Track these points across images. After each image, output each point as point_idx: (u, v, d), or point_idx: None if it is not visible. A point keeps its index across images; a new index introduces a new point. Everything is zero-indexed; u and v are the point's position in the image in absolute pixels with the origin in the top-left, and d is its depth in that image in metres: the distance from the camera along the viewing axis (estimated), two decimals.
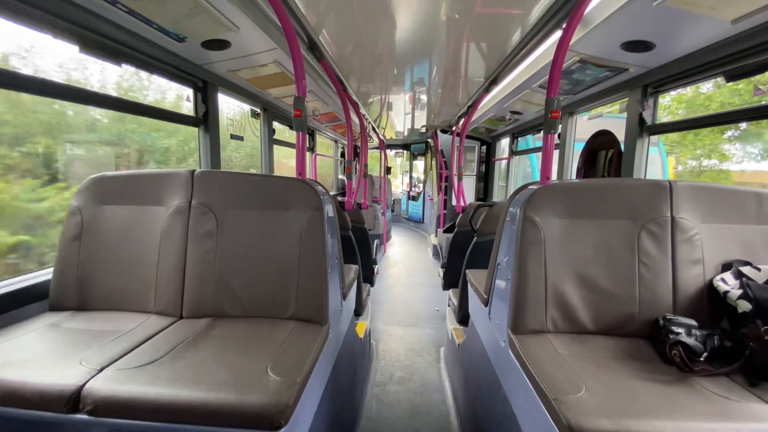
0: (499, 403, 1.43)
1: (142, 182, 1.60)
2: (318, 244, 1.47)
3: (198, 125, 2.49)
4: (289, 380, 1.00)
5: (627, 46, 1.93)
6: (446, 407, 2.38)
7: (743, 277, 1.22)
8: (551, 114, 1.64)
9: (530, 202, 1.42)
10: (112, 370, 1.04)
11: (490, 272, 1.67)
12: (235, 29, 1.83)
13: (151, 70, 2.06)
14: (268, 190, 1.54)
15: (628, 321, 1.35)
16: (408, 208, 10.39)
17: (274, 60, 2.33)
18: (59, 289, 1.50)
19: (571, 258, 1.39)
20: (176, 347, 1.18)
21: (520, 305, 1.36)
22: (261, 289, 1.48)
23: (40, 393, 0.95)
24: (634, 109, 2.37)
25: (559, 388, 0.99)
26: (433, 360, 3.03)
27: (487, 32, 2.21)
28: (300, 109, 1.68)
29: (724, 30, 1.63)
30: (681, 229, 1.38)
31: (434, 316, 3.98)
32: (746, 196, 1.42)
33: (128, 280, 1.52)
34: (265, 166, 3.60)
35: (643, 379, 1.05)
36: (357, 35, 2.30)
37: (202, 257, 1.50)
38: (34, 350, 1.14)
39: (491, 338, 1.60)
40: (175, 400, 0.93)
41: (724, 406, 0.93)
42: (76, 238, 1.54)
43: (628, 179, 2.29)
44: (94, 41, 1.64)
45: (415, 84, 3.55)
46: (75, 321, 1.38)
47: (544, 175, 1.70)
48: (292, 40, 1.65)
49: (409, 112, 5.21)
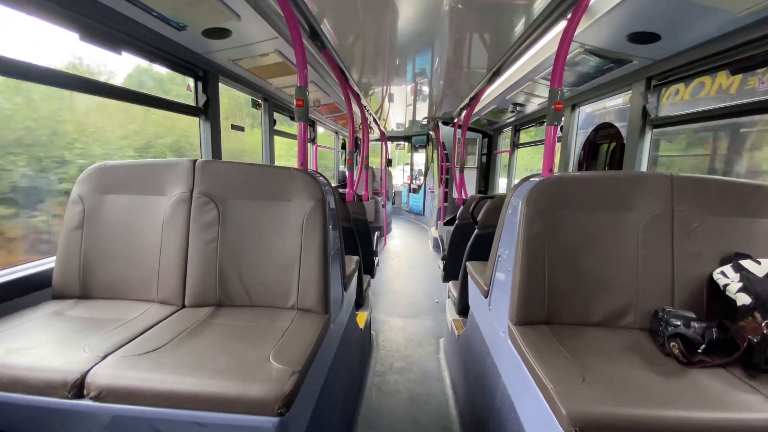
0: (498, 393, 1.44)
1: (144, 171, 1.60)
2: (319, 235, 1.47)
3: (198, 115, 2.48)
4: (292, 368, 1.01)
5: (632, 38, 1.90)
6: (445, 397, 2.40)
7: (743, 271, 1.22)
8: (555, 105, 1.63)
9: (532, 195, 1.42)
10: (115, 357, 1.05)
11: (490, 264, 1.68)
12: (235, 18, 1.81)
13: (152, 58, 2.04)
14: (270, 180, 1.54)
15: (628, 313, 1.36)
16: (409, 200, 10.38)
17: (275, 49, 2.31)
18: (62, 277, 1.51)
19: (571, 250, 1.39)
20: (179, 335, 1.19)
21: (520, 297, 1.36)
22: (263, 279, 1.49)
23: (44, 379, 0.97)
24: (637, 101, 2.36)
25: (558, 379, 1.00)
26: (432, 351, 3.05)
27: (491, 22, 2.19)
28: (302, 98, 1.67)
29: (731, 22, 1.61)
30: (681, 222, 1.38)
31: (434, 307, 4.00)
32: (747, 189, 1.42)
33: (131, 269, 1.52)
34: (266, 157, 3.59)
35: (641, 371, 1.06)
36: (359, 25, 2.28)
37: (204, 247, 1.51)
38: (38, 338, 1.15)
39: (491, 329, 1.61)
40: (178, 387, 0.95)
41: (721, 397, 0.95)
42: (78, 227, 1.54)
43: (630, 172, 2.29)
44: (95, 29, 1.63)
45: (417, 75, 3.52)
46: (78, 309, 1.39)
47: (546, 167, 1.70)
48: (293, 28, 1.64)
49: (411, 103, 5.18)
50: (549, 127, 1.70)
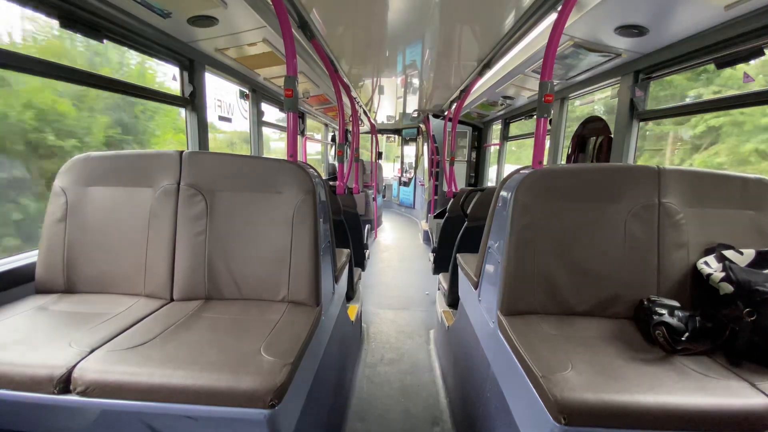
0: (488, 382, 1.46)
1: (129, 163, 1.56)
2: (310, 227, 1.46)
3: (185, 105, 2.42)
4: (283, 360, 1.01)
5: (621, 31, 1.92)
6: (436, 387, 2.43)
7: (726, 261, 1.26)
8: (545, 98, 1.63)
9: (521, 187, 1.43)
10: (102, 351, 1.04)
11: (480, 256, 1.69)
12: (222, 5, 1.77)
13: (135, 47, 1.98)
14: (259, 172, 1.52)
15: (614, 302, 1.39)
16: (399, 193, 10.38)
17: (263, 38, 2.27)
18: (45, 271, 1.48)
19: (560, 241, 1.41)
20: (168, 329, 1.18)
21: (509, 288, 1.38)
22: (253, 272, 1.47)
23: (29, 375, 0.94)
24: (625, 94, 2.38)
25: (547, 367, 1.02)
26: (423, 342, 3.08)
27: (481, 14, 2.18)
28: (291, 88, 1.64)
29: (717, 16, 1.63)
30: (667, 214, 1.41)
31: (424, 299, 4.03)
32: (731, 181, 1.45)
33: (116, 263, 1.49)
34: (254, 149, 3.54)
35: (627, 358, 1.09)
36: (349, 14, 2.24)
37: (192, 239, 1.48)
38: (22, 333, 1.12)
39: (481, 320, 1.63)
40: (168, 381, 0.93)
41: (704, 383, 0.97)
42: (61, 220, 1.50)
43: (618, 164, 2.32)
44: (76, 16, 1.57)
45: (408, 67, 3.50)
46: (63, 303, 1.36)
47: (536, 159, 1.71)
48: (282, 17, 1.60)
49: (401, 95, 5.15)
50: (539, 120, 1.71)
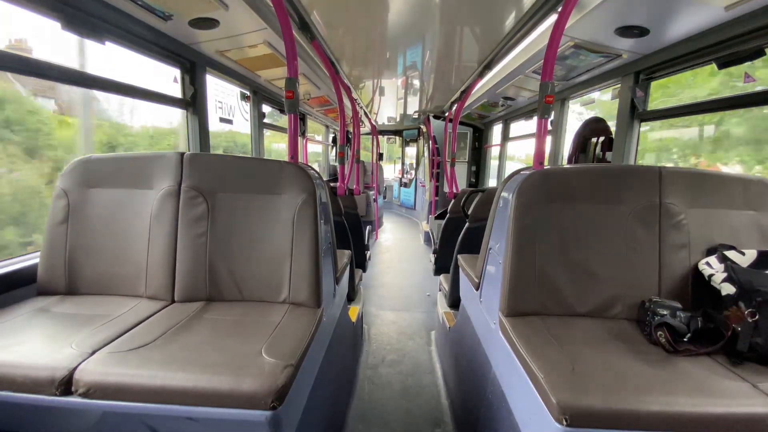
0: (489, 384, 1.46)
1: (130, 165, 1.56)
2: (311, 229, 1.46)
3: (186, 108, 2.43)
4: (284, 362, 1.01)
5: (621, 32, 1.92)
6: (437, 388, 2.43)
7: (728, 261, 1.25)
8: (545, 99, 1.63)
9: (522, 188, 1.42)
10: (104, 353, 1.04)
11: (481, 257, 1.69)
12: (223, 7, 1.78)
13: (136, 49, 1.99)
14: (260, 173, 1.52)
15: (616, 304, 1.38)
16: (400, 194, 10.38)
17: (264, 40, 2.27)
18: (47, 273, 1.48)
19: (561, 242, 1.41)
20: (169, 330, 1.18)
21: (511, 289, 1.38)
22: (254, 273, 1.47)
23: (31, 376, 0.94)
24: (626, 95, 2.38)
25: (548, 368, 1.02)
26: (424, 343, 3.07)
27: (482, 15, 2.18)
28: (291, 90, 1.65)
29: (718, 16, 1.63)
30: (669, 214, 1.41)
31: (425, 301, 4.02)
32: (732, 182, 1.45)
33: (118, 265, 1.50)
34: (255, 151, 3.54)
35: (629, 359, 1.08)
36: (349, 16, 2.25)
37: (194, 241, 1.48)
38: (24, 334, 1.12)
39: (482, 321, 1.62)
40: (169, 382, 0.93)
41: (705, 384, 0.97)
42: (63, 222, 1.50)
43: (619, 165, 2.32)
44: (77, 18, 1.58)
45: (408, 68, 3.50)
46: (64, 305, 1.36)
47: (536, 160, 1.71)
48: (282, 18, 1.61)
49: (402, 96, 5.16)
50: (540, 121, 1.70)
